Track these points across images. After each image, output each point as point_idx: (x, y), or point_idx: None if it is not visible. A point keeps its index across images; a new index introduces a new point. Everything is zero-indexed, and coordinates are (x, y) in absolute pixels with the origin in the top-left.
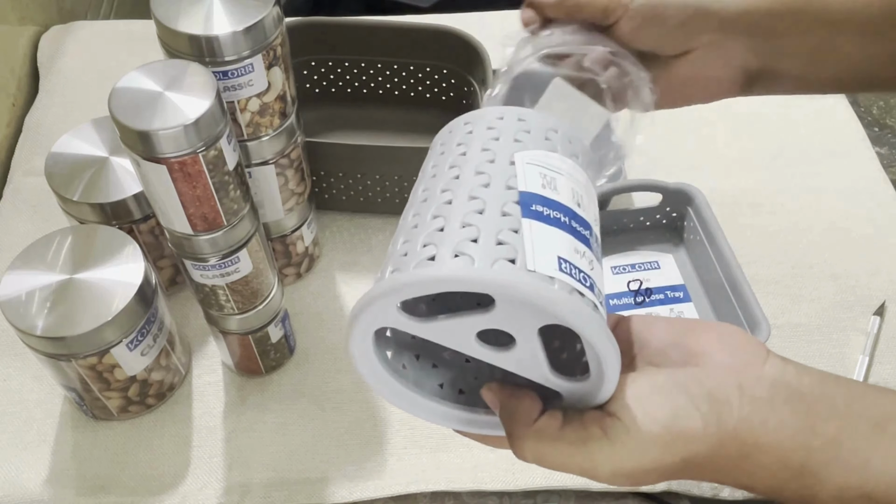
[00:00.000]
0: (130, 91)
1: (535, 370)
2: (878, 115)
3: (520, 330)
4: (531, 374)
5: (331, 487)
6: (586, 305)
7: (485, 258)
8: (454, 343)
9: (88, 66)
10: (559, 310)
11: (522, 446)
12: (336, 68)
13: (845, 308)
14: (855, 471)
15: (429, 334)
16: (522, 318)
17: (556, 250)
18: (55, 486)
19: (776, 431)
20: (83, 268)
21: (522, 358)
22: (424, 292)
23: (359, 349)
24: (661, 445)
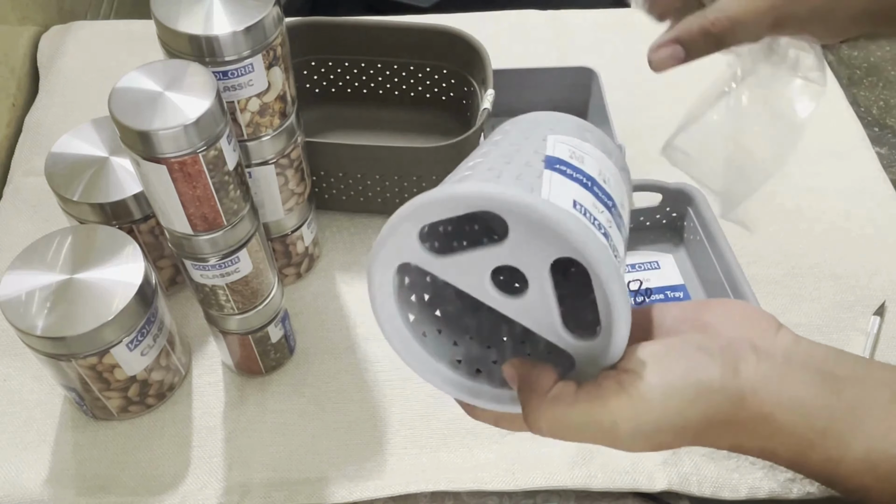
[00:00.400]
0: (130, 91)
1: (546, 320)
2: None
3: (531, 265)
4: (542, 327)
5: (331, 487)
6: (599, 237)
7: (505, 184)
8: (469, 284)
9: (88, 66)
10: (571, 233)
11: (538, 416)
12: (336, 68)
13: (845, 308)
14: (881, 437)
15: (446, 273)
16: (535, 251)
17: (573, 195)
18: (55, 486)
19: (797, 391)
20: (83, 268)
21: (534, 304)
22: (445, 213)
23: (379, 284)
24: (681, 398)
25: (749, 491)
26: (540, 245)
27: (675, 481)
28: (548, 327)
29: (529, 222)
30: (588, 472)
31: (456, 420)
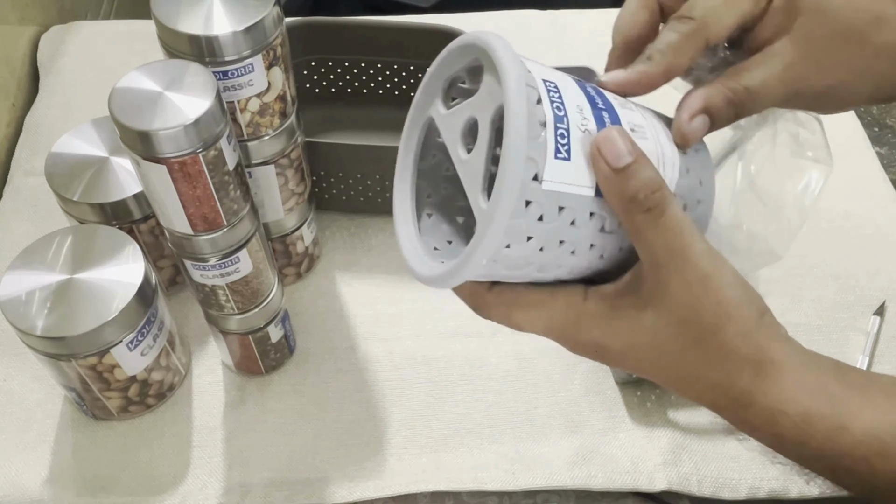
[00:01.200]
0: (130, 91)
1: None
2: (878, 115)
3: (483, 116)
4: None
5: (331, 487)
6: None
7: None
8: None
9: (88, 66)
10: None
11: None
12: (336, 68)
13: (845, 308)
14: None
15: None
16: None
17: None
18: (55, 486)
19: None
20: (83, 268)
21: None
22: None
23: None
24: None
25: (749, 491)
26: (493, 90)
27: (675, 481)
28: (473, 186)
29: (492, 66)
30: (588, 472)
31: (456, 420)
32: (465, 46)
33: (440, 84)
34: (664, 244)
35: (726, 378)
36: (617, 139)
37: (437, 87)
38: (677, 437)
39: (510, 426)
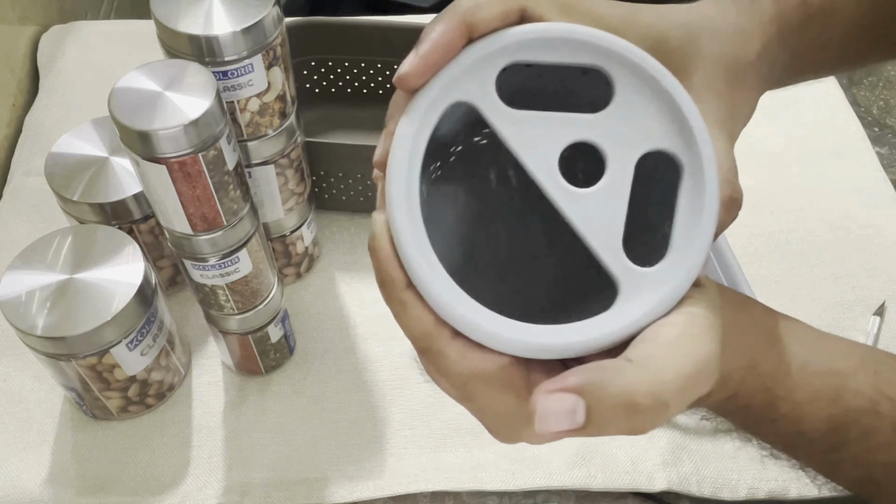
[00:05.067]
0: (130, 91)
1: (605, 227)
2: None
3: (620, 148)
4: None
5: (331, 487)
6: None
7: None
8: (532, 156)
9: (88, 66)
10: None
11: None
12: (336, 68)
13: (845, 308)
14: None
15: (512, 134)
16: (634, 130)
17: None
18: (55, 486)
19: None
20: (83, 268)
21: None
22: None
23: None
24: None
25: (748, 491)
26: (644, 125)
27: (674, 481)
28: (603, 238)
29: (645, 91)
30: (588, 472)
31: (456, 420)
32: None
33: (495, 67)
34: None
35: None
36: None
37: (490, 70)
38: (677, 438)
39: None
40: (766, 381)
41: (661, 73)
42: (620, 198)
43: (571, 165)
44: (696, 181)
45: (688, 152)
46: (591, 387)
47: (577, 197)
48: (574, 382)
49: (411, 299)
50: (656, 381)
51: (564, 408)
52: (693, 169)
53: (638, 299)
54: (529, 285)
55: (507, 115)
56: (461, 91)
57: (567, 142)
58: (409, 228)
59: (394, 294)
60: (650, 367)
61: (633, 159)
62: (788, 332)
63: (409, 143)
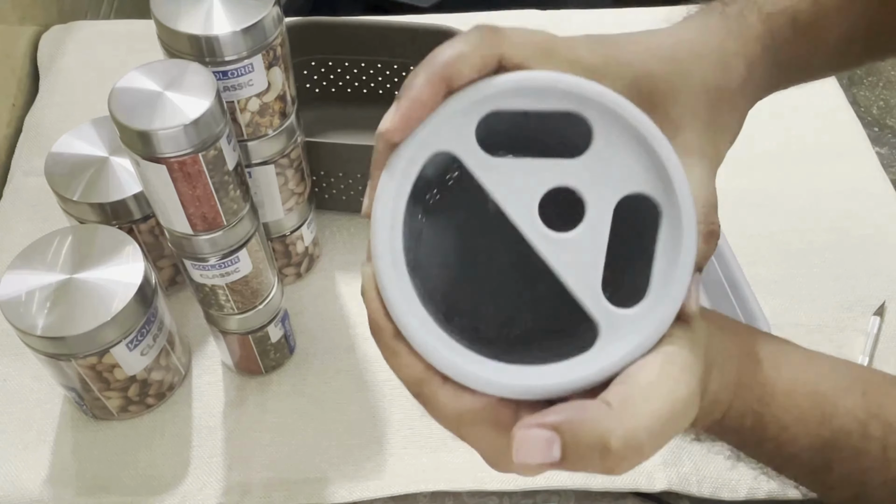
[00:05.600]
0: (130, 91)
1: (584, 270)
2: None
3: (599, 192)
4: (576, 279)
5: (331, 487)
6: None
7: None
8: (513, 202)
9: (88, 66)
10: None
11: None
12: (336, 68)
13: (845, 308)
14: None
15: (492, 181)
16: (612, 174)
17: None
18: (55, 486)
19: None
20: (83, 268)
21: (578, 246)
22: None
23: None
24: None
25: (748, 491)
26: (622, 169)
27: (674, 481)
28: (582, 280)
29: (623, 136)
30: None
31: None
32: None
33: (475, 116)
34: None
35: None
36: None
37: (470, 119)
38: (677, 437)
39: None
40: (753, 405)
41: (639, 119)
42: (599, 241)
43: (552, 207)
44: (673, 224)
45: (665, 196)
46: (568, 425)
47: (557, 241)
48: (552, 420)
49: (401, 348)
50: (631, 426)
51: (541, 442)
52: (670, 212)
53: (618, 341)
54: (514, 323)
55: (487, 163)
56: (441, 141)
57: (547, 187)
58: (394, 282)
59: (384, 342)
60: (626, 412)
61: (611, 203)
62: (776, 354)
63: (392, 197)
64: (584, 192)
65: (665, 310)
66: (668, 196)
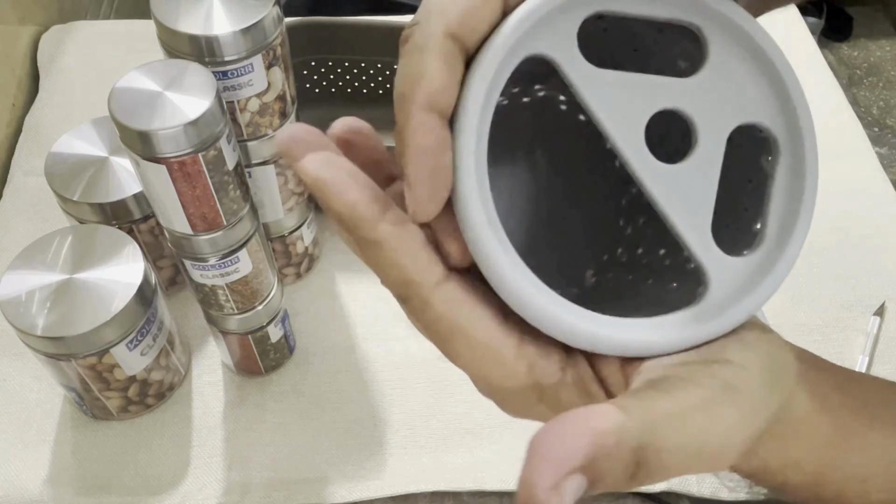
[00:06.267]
0: (130, 91)
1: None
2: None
3: (713, 119)
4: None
5: (331, 487)
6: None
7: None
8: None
9: (88, 66)
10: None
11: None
12: (336, 68)
13: (845, 308)
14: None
15: (596, 98)
16: (729, 99)
17: None
18: (55, 486)
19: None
20: (83, 268)
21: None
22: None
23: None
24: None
25: (749, 492)
26: (739, 94)
27: (674, 481)
28: (690, 221)
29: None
30: None
31: (456, 420)
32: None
33: (577, 16)
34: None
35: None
36: None
37: (572, 20)
38: None
39: (510, 426)
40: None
41: (764, 40)
42: (711, 176)
43: (654, 133)
44: (795, 163)
45: (786, 130)
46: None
47: (664, 173)
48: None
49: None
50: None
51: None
52: (792, 148)
53: (729, 295)
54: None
55: (589, 74)
56: (537, 43)
57: (655, 109)
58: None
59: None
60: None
61: (725, 132)
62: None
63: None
64: (695, 117)
65: (784, 262)
66: (791, 130)
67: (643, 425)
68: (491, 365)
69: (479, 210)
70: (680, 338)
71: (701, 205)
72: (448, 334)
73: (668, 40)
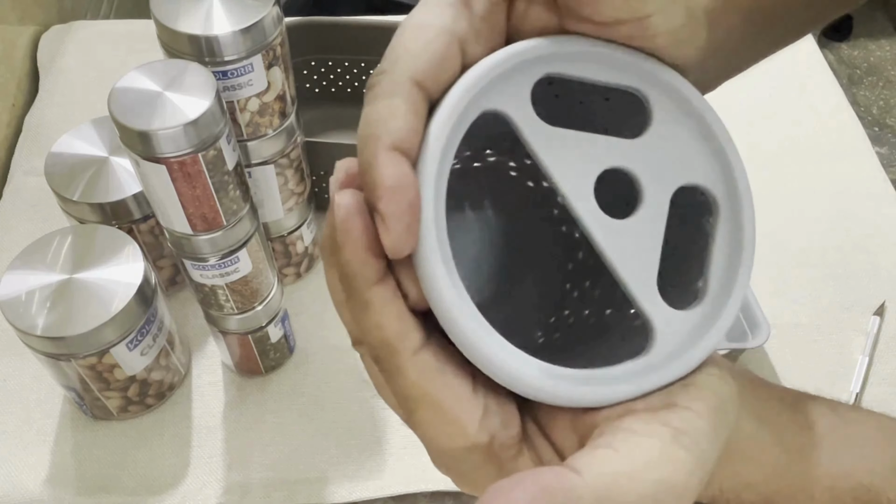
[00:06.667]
0: (130, 91)
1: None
2: (878, 115)
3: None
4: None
5: (330, 487)
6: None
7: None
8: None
9: (88, 66)
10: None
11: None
12: (336, 68)
13: (845, 308)
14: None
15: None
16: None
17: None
18: (55, 486)
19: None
20: (83, 268)
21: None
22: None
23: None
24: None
25: None
26: (681, 156)
27: None
28: (637, 274)
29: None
30: None
31: None
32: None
33: (530, 77)
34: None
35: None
36: None
37: (526, 82)
38: None
39: None
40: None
41: (703, 106)
42: (656, 233)
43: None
44: (733, 222)
45: (725, 191)
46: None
47: (612, 228)
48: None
49: (381, 299)
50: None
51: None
52: (730, 208)
53: (673, 346)
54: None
55: (542, 132)
56: (494, 100)
57: (603, 167)
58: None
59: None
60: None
61: (669, 192)
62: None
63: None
64: (641, 176)
65: (724, 317)
66: (729, 192)
67: (596, 485)
68: (454, 437)
69: (437, 261)
70: (627, 389)
71: (647, 259)
72: (416, 402)
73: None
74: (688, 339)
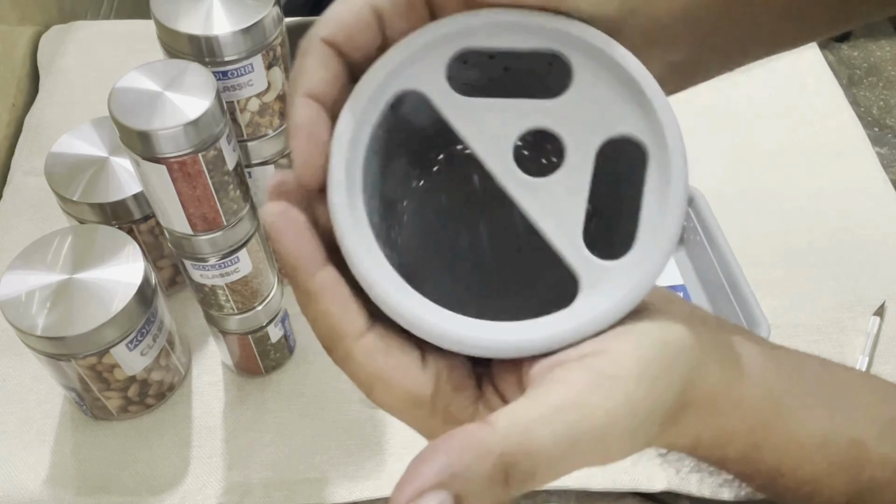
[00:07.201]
0: (130, 91)
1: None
2: (878, 115)
3: (580, 135)
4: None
5: (331, 487)
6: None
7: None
8: (486, 146)
9: (88, 66)
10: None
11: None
12: None
13: (845, 308)
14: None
15: (464, 123)
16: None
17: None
18: (55, 486)
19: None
20: (83, 268)
21: (556, 192)
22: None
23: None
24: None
25: (749, 491)
26: (605, 110)
27: (674, 481)
28: (560, 228)
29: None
30: (588, 471)
31: None
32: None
33: (445, 54)
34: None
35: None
36: None
37: (441, 56)
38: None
39: None
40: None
41: (623, 56)
42: (580, 187)
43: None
44: (662, 168)
45: (653, 138)
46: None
47: (533, 186)
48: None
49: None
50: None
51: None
52: (659, 155)
53: (599, 296)
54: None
55: (457, 103)
56: (407, 80)
57: (522, 129)
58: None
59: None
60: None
61: (594, 146)
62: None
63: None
64: (563, 134)
65: (652, 263)
66: (657, 138)
67: (506, 434)
68: (410, 409)
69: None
70: (550, 336)
71: (571, 213)
72: (370, 383)
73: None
74: (615, 288)
